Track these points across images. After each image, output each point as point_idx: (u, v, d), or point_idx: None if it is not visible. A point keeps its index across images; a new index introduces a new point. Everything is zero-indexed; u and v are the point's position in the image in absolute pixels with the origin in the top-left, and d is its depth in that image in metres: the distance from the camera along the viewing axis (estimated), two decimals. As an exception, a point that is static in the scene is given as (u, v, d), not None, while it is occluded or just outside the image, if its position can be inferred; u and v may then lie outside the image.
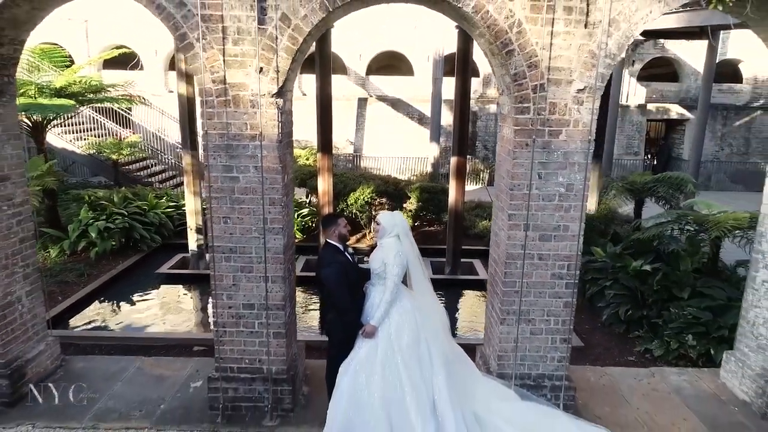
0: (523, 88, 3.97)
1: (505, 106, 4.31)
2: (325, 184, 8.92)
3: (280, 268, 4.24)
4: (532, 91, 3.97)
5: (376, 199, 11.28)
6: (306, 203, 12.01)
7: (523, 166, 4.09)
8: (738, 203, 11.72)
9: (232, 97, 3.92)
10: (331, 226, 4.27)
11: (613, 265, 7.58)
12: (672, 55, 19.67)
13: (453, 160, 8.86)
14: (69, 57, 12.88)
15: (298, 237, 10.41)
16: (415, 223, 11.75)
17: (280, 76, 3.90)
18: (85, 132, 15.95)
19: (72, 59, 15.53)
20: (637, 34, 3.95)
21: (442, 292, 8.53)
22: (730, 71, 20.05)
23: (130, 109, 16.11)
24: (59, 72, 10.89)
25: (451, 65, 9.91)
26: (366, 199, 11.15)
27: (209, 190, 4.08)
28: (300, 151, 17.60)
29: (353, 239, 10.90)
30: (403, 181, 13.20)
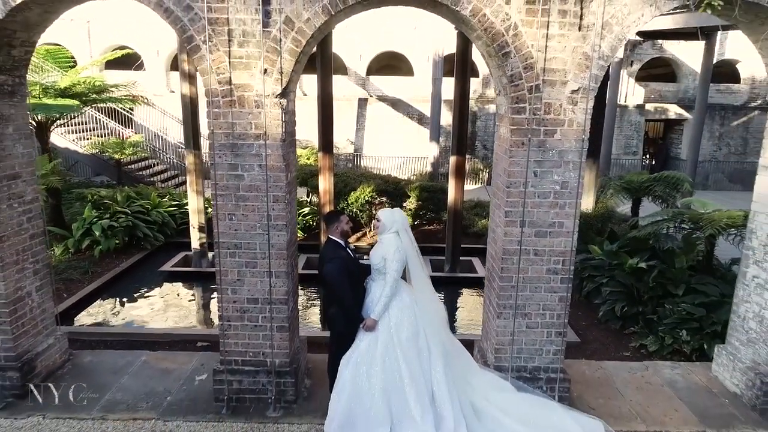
0: (520, 89, 4.10)
1: (502, 106, 4.43)
2: (326, 183, 9.04)
3: (284, 263, 4.36)
4: (528, 91, 4.09)
5: (377, 198, 11.41)
6: (307, 202, 12.13)
7: (520, 164, 4.22)
8: (735, 202, 11.86)
9: (237, 98, 4.05)
10: (334, 223, 4.39)
11: (610, 262, 7.71)
12: (670, 55, 19.79)
13: (452, 160, 8.98)
14: (72, 58, 13.00)
15: (299, 236, 10.53)
16: (415, 221, 11.87)
17: (284, 77, 4.03)
18: (87, 132, 16.07)
19: (75, 60, 15.64)
20: (630, 37, 4.07)
21: (442, 289, 8.66)
22: (728, 71, 20.17)
23: (132, 109, 16.23)
24: (63, 73, 11.02)
25: (451, 65, 10.03)
26: (366, 198, 11.28)
27: (215, 188, 4.20)
28: (301, 151, 17.71)
29: (353, 238, 11.02)
30: (403, 180, 13.32)
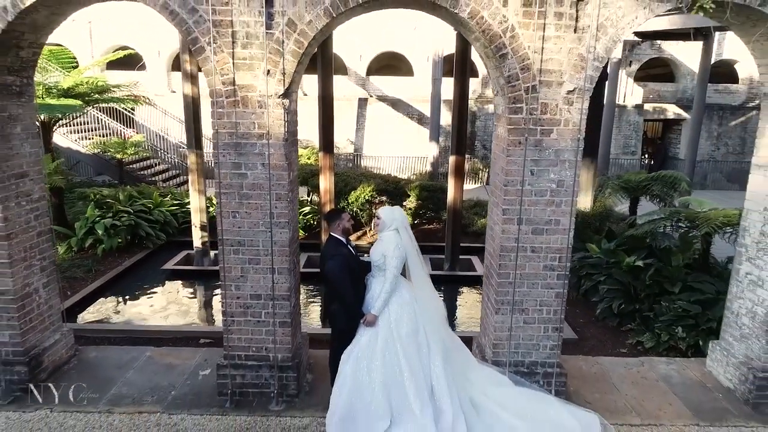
0: (516, 90, 4.19)
1: (500, 107, 4.53)
2: (326, 182, 9.14)
3: (286, 260, 4.46)
4: (524, 92, 4.19)
5: (377, 197, 11.50)
6: (308, 201, 12.23)
7: (517, 163, 4.31)
8: (732, 202, 11.94)
9: (240, 98, 4.14)
10: (335, 221, 4.48)
11: (607, 261, 7.80)
12: (668, 55, 19.90)
13: (452, 159, 9.08)
14: (73, 58, 13.10)
15: (300, 234, 10.62)
16: (415, 221, 11.97)
17: (287, 78, 4.12)
18: (89, 132, 16.19)
19: (76, 60, 15.74)
20: (624, 38, 4.17)
21: (442, 288, 8.76)
22: (726, 71, 20.27)
23: (133, 109, 16.34)
24: (65, 73, 11.12)
25: (451, 65, 10.12)
26: (366, 197, 11.37)
27: (219, 186, 4.30)
28: (301, 151, 17.82)
29: (354, 236, 11.11)
30: (402, 179, 13.42)
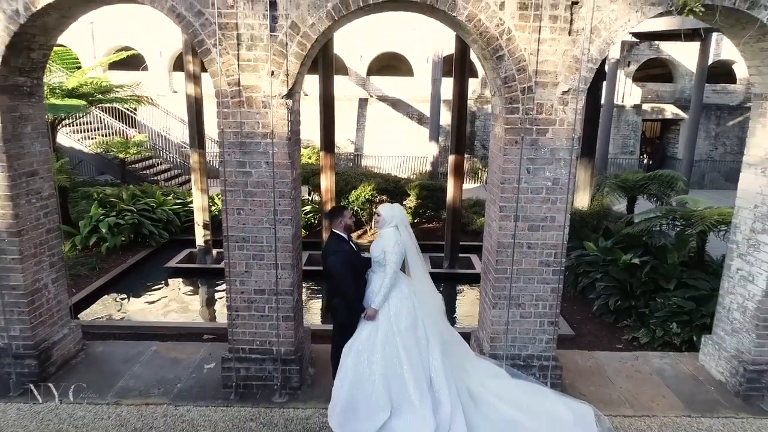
0: (513, 90, 4.32)
1: (497, 107, 4.66)
2: (327, 181, 9.26)
3: (289, 256, 4.58)
4: (521, 92, 4.31)
5: (377, 196, 11.62)
6: (308, 200, 12.35)
7: (513, 161, 4.44)
8: (729, 201, 12.00)
9: (245, 98, 4.27)
10: (337, 218, 4.61)
11: (604, 258, 7.92)
12: (667, 56, 20.03)
13: (451, 159, 9.20)
14: (76, 58, 13.22)
15: (301, 233, 10.75)
16: (415, 220, 12.09)
17: (290, 79, 4.25)
18: (91, 131, 16.31)
19: (78, 60, 15.87)
20: (617, 40, 4.31)
21: (441, 285, 8.88)
22: (724, 72, 20.40)
23: (135, 109, 16.47)
24: (68, 73, 11.23)
25: (450, 66, 10.23)
26: (367, 196, 11.49)
27: (224, 184, 4.43)
28: (302, 150, 17.94)
29: (354, 235, 11.24)
30: (402, 179, 13.53)
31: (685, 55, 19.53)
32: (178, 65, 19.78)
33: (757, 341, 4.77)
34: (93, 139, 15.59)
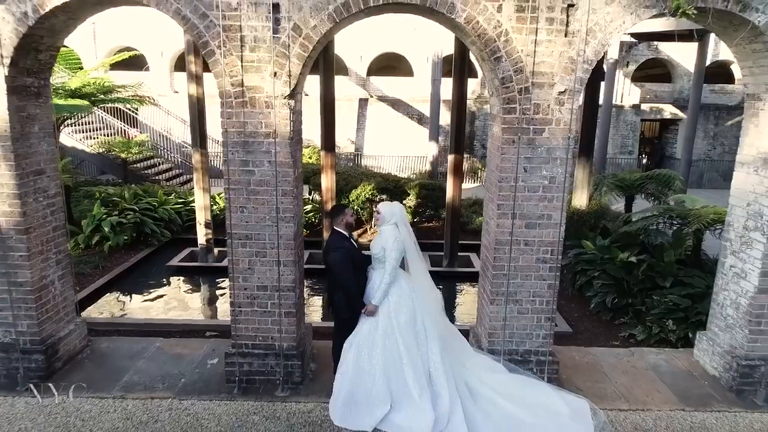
0: (510, 91, 4.41)
1: (495, 107, 4.75)
2: (328, 181, 9.36)
3: (291, 253, 4.68)
4: (518, 93, 4.41)
5: (377, 196, 11.70)
6: (309, 200, 12.44)
7: (510, 160, 4.54)
8: (727, 200, 12.13)
9: (248, 99, 4.37)
10: (339, 215, 4.71)
11: (602, 257, 8.01)
12: (665, 56, 20.13)
13: (450, 158, 9.29)
14: (78, 59, 13.32)
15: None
16: (415, 219, 12.18)
17: (292, 79, 4.35)
18: (93, 131, 16.41)
19: (80, 61, 15.96)
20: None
21: (441, 284, 8.96)
22: (722, 72, 20.50)
23: (137, 109, 16.56)
24: (71, 74, 11.34)
25: (450, 66, 10.31)
26: (367, 195, 11.58)
27: (228, 183, 4.52)
28: (303, 150, 18.00)
29: (355, 234, 11.33)
30: (402, 178, 13.63)
31: (683, 55, 19.63)
32: (179, 65, 19.87)
33: (749, 336, 4.87)
34: (95, 138, 15.69)
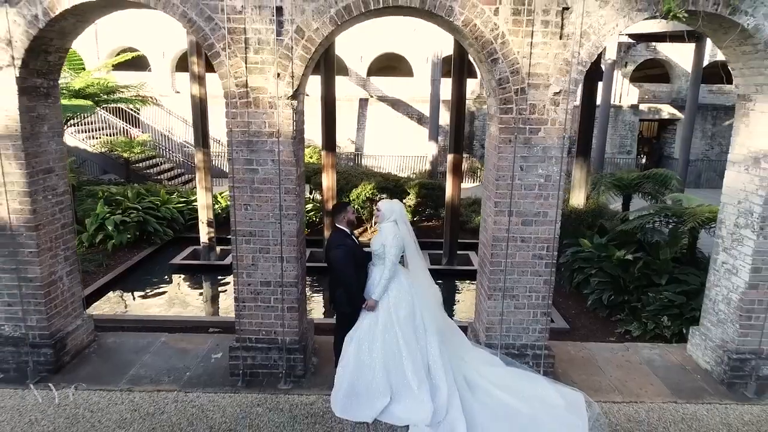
0: (507, 91, 4.54)
1: (492, 107, 4.88)
2: (329, 180, 9.48)
3: (294, 249, 4.81)
4: (514, 93, 4.54)
5: (377, 195, 11.83)
6: (310, 199, 12.56)
7: (507, 159, 4.66)
8: (722, 199, 12.22)
9: (252, 99, 4.49)
10: (340, 213, 4.84)
11: (599, 255, 8.13)
12: (664, 57, 20.25)
13: (450, 158, 9.42)
14: (80, 59, 13.45)
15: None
16: (414, 218, 12.31)
17: (295, 80, 4.47)
18: (95, 131, 16.54)
19: (83, 61, 16.09)
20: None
21: (440, 281, 9.08)
22: (720, 72, 20.60)
23: (138, 109, 16.69)
24: (74, 74, 11.46)
25: (450, 66, 10.45)
26: (367, 194, 11.71)
27: (232, 181, 4.65)
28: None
29: (355, 233, 11.43)
30: (402, 178, 13.76)
31: (681, 56, 19.76)
32: (180, 66, 20.00)
33: (740, 331, 4.99)
34: (97, 138, 15.81)
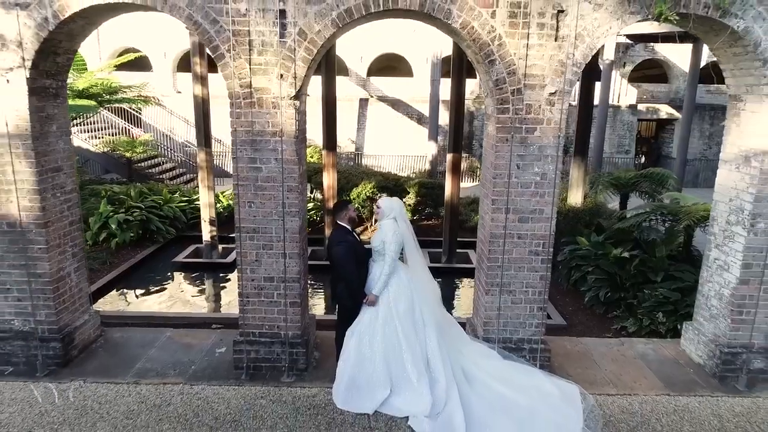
0: (504, 92, 4.67)
1: (489, 107, 5.00)
2: (329, 179, 9.61)
3: (296, 246, 4.93)
4: (511, 94, 4.66)
5: (377, 194, 11.95)
6: (311, 198, 12.69)
7: (504, 158, 4.79)
8: (719, 198, 12.31)
9: (256, 99, 4.62)
10: (342, 211, 4.97)
11: (596, 252, 8.27)
12: (662, 57, 20.38)
13: (449, 157, 9.55)
14: (82, 59, 13.57)
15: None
16: (414, 216, 12.43)
17: (298, 81, 4.60)
18: (98, 131, 16.65)
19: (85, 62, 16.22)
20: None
21: (440, 279, 9.21)
22: (717, 73, 20.72)
23: (140, 109, 16.81)
24: (77, 75, 11.58)
25: (449, 66, 10.56)
26: (368, 194, 11.83)
27: (236, 179, 4.77)
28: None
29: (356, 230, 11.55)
30: (402, 177, 13.88)
31: (679, 56, 19.88)
32: (181, 66, 20.12)
33: (732, 326, 5.12)
34: (100, 138, 15.93)
